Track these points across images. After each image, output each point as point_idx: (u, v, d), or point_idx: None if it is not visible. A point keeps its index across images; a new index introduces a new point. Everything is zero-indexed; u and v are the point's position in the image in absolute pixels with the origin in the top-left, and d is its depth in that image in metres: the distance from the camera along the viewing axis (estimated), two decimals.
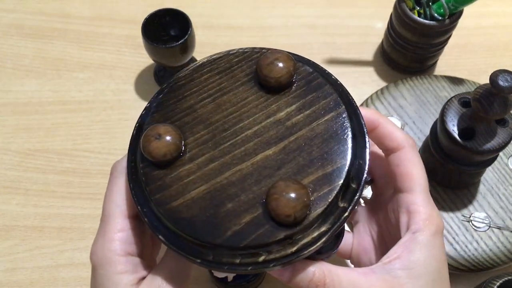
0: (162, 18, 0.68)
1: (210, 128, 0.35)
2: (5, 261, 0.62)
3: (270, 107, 0.36)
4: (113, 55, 0.75)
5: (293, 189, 0.31)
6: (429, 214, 0.36)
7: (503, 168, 0.63)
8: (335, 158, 0.33)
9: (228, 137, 0.35)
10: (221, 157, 0.34)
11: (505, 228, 0.60)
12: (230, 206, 0.32)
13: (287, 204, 0.30)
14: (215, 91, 0.37)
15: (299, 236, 0.31)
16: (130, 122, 0.70)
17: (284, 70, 0.36)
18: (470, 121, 0.53)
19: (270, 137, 0.34)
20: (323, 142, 0.34)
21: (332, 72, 0.78)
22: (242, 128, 0.35)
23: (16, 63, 0.75)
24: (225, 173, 0.33)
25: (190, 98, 0.37)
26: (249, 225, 0.31)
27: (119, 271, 0.34)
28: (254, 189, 0.32)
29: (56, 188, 0.66)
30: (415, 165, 0.38)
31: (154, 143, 0.33)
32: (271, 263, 0.31)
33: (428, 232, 0.35)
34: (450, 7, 0.63)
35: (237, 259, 0.31)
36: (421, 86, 0.69)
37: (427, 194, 0.38)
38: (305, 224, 0.31)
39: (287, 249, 0.31)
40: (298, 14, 0.79)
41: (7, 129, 0.70)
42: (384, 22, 0.78)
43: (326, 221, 0.32)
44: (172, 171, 0.34)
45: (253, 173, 0.33)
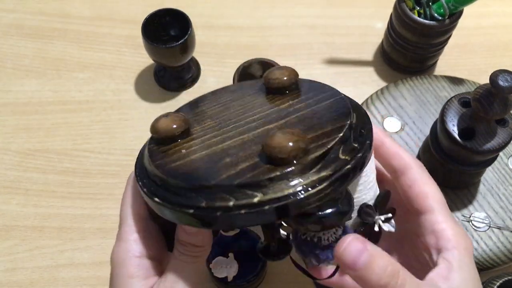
0: (162, 18, 0.68)
1: (217, 120, 0.37)
2: (5, 261, 0.62)
3: (275, 102, 0.38)
4: (113, 55, 0.75)
5: (289, 130, 0.31)
6: (456, 230, 0.36)
7: (503, 168, 0.63)
8: (335, 122, 0.34)
9: (233, 123, 0.36)
10: (224, 134, 0.35)
11: (505, 228, 0.60)
12: (228, 160, 0.32)
13: (281, 138, 0.30)
14: (226, 101, 0.39)
15: (297, 177, 0.30)
16: (130, 122, 0.70)
17: (286, 73, 0.38)
18: (470, 121, 0.53)
19: (273, 118, 0.36)
20: (323, 115, 0.35)
21: (332, 72, 0.79)
22: (246, 117, 0.37)
23: (16, 63, 0.75)
24: (227, 142, 0.34)
25: (203, 106, 0.40)
26: (245, 169, 0.31)
27: (131, 274, 0.34)
28: (254, 148, 0.33)
29: (56, 188, 0.66)
30: (428, 184, 0.37)
31: (162, 120, 0.35)
32: (267, 204, 0.30)
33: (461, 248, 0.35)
34: (450, 7, 0.63)
35: (230, 202, 0.30)
36: (421, 86, 0.69)
37: (447, 210, 0.37)
38: (303, 164, 0.30)
39: (284, 189, 0.30)
40: (298, 14, 0.79)
41: (7, 129, 0.70)
42: (384, 22, 0.78)
43: (326, 167, 0.31)
44: (176, 146, 0.35)
45: (254, 140, 0.34)
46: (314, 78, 0.73)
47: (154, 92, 0.73)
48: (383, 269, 0.31)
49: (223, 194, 0.30)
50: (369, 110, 0.67)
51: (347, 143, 0.33)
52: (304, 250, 0.35)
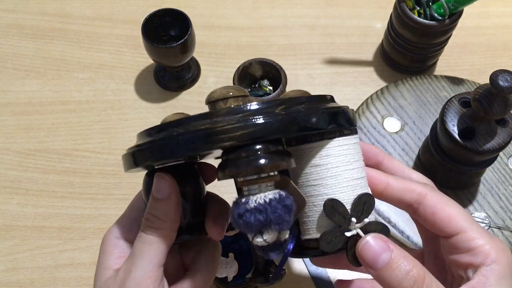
0: (162, 18, 0.68)
1: None
2: (5, 261, 0.62)
3: None
4: (113, 55, 0.75)
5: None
6: (493, 243, 0.34)
7: (503, 168, 0.63)
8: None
9: None
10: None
11: (505, 228, 0.60)
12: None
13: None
14: None
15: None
16: (130, 122, 0.70)
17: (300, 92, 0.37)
18: (470, 121, 0.53)
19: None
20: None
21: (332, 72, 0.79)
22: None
23: (16, 63, 0.75)
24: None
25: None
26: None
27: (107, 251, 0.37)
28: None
29: (56, 188, 0.66)
30: (450, 205, 0.36)
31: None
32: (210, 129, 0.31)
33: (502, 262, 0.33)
34: (450, 7, 0.63)
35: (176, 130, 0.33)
36: (421, 86, 0.69)
37: (476, 225, 0.35)
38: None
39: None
40: (298, 14, 0.79)
41: (8, 129, 0.70)
42: (384, 22, 0.78)
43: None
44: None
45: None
46: (314, 78, 0.74)
47: (154, 92, 0.73)
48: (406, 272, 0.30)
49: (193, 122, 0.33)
50: (369, 110, 0.67)
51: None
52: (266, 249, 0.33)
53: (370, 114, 0.67)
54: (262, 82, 0.69)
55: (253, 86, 0.69)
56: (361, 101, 0.70)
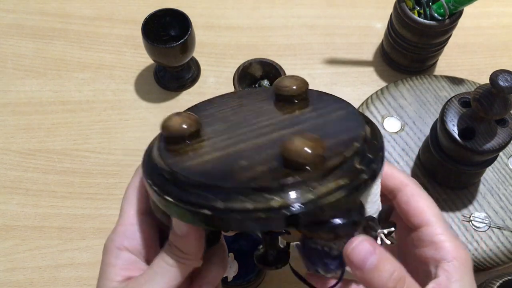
0: (162, 18, 0.68)
1: (228, 123, 0.37)
2: (5, 261, 0.62)
3: (286, 109, 0.38)
4: (113, 55, 0.75)
5: (308, 136, 0.31)
6: (454, 242, 0.36)
7: (503, 168, 0.63)
8: (349, 132, 0.34)
9: (244, 126, 0.36)
10: (237, 136, 0.35)
11: (505, 228, 0.60)
12: (244, 163, 0.32)
13: (300, 142, 0.30)
14: (235, 106, 0.40)
15: (315, 183, 0.30)
16: (130, 122, 0.70)
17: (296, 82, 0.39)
18: (470, 121, 0.53)
19: (286, 124, 0.36)
20: (337, 124, 0.36)
21: (332, 72, 0.79)
22: (258, 122, 0.37)
23: (16, 63, 0.75)
24: (241, 144, 0.34)
25: (211, 109, 0.39)
26: (264, 173, 0.31)
27: (109, 262, 0.36)
28: (269, 151, 0.33)
29: (56, 188, 0.66)
30: (424, 199, 0.38)
31: (174, 118, 0.35)
32: (284, 209, 0.29)
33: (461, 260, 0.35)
34: (450, 7, 0.63)
35: (250, 204, 0.30)
36: (421, 86, 0.69)
37: (445, 224, 0.37)
38: (320, 171, 0.30)
39: (303, 195, 0.30)
40: (298, 14, 0.80)
41: (8, 129, 0.70)
42: (384, 22, 0.78)
43: (343, 176, 0.31)
44: (187, 146, 0.35)
45: (268, 143, 0.34)
46: (314, 78, 0.74)
47: (154, 92, 0.73)
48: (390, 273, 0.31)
49: (240, 196, 0.30)
50: (369, 110, 0.67)
51: (362, 154, 0.33)
52: (313, 259, 0.35)
53: (370, 114, 0.67)
54: (262, 82, 0.69)
55: (253, 86, 0.69)
56: (361, 101, 0.70)
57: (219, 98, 0.41)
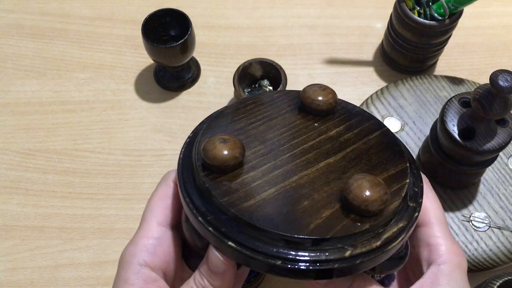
0: (162, 18, 0.68)
1: (267, 143, 0.36)
2: (5, 261, 0.62)
3: (319, 128, 0.37)
4: (113, 55, 0.75)
5: (372, 178, 0.31)
6: (450, 246, 0.36)
7: (503, 168, 0.63)
8: (394, 163, 0.35)
9: (286, 150, 0.35)
10: (284, 165, 0.34)
11: (505, 228, 0.60)
12: (306, 203, 0.32)
13: (369, 190, 0.31)
14: (263, 117, 0.38)
15: (381, 229, 0.31)
16: (130, 122, 0.70)
17: (329, 95, 0.38)
18: (470, 121, 0.53)
19: (328, 149, 0.36)
20: (379, 152, 0.36)
21: (332, 72, 0.78)
22: (297, 143, 0.36)
23: (16, 63, 0.75)
24: (292, 177, 0.33)
25: (240, 122, 0.37)
26: (331, 219, 0.31)
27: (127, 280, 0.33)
28: (326, 189, 0.33)
29: (56, 188, 0.66)
30: (428, 198, 0.37)
31: (220, 146, 0.32)
32: (357, 258, 0.30)
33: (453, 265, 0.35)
34: (450, 7, 0.63)
35: (323, 255, 0.30)
36: (421, 86, 0.69)
37: (445, 226, 0.37)
38: (386, 216, 0.31)
39: (372, 243, 0.30)
40: (298, 14, 0.80)
41: (7, 129, 0.70)
42: (384, 22, 0.78)
43: (402, 217, 0.32)
44: (235, 177, 0.33)
45: (321, 177, 0.34)
46: (314, 78, 0.74)
47: (154, 92, 0.73)
48: None
49: (313, 247, 0.30)
50: (369, 110, 0.67)
51: (411, 189, 0.34)
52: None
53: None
54: (262, 82, 0.69)
55: (253, 86, 0.69)
56: (361, 101, 0.70)
57: (242, 106, 0.39)
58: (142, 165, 0.67)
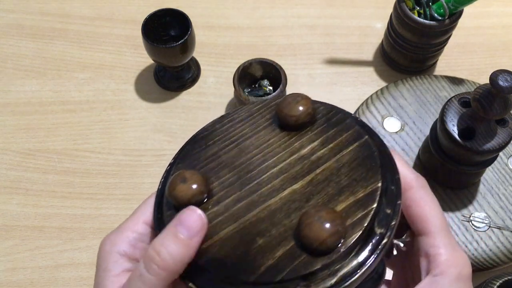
0: (162, 18, 0.68)
1: (235, 170, 0.35)
2: (5, 261, 0.62)
3: (293, 145, 0.35)
4: (113, 55, 0.75)
5: (324, 214, 0.30)
6: (450, 256, 0.34)
7: (503, 168, 0.63)
8: (365, 183, 0.32)
9: (254, 177, 0.34)
10: (248, 196, 0.33)
11: (505, 228, 0.60)
12: (261, 242, 0.31)
13: (319, 229, 0.29)
14: (238, 137, 0.37)
15: (337, 265, 0.29)
16: (130, 122, 0.70)
17: (303, 108, 0.36)
18: (470, 121, 0.53)
19: (296, 172, 0.34)
20: (350, 171, 0.33)
21: (332, 72, 0.78)
22: (267, 167, 0.34)
23: (16, 63, 0.75)
24: (253, 210, 0.32)
25: (214, 146, 0.36)
26: (283, 259, 0.30)
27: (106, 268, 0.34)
28: (285, 222, 0.31)
29: (56, 188, 0.66)
30: (427, 205, 0.36)
31: (180, 186, 0.32)
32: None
33: (450, 276, 0.33)
34: (450, 7, 0.63)
35: None
36: (421, 86, 0.69)
37: (446, 234, 0.35)
38: (342, 251, 0.30)
39: (326, 281, 0.29)
40: (298, 14, 0.80)
41: (7, 129, 0.70)
42: (384, 22, 0.78)
43: (364, 248, 0.30)
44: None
45: (282, 208, 0.32)
46: (314, 78, 0.74)
47: (154, 92, 0.73)
48: None
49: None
50: (369, 110, 0.67)
51: (381, 212, 0.31)
52: None
53: (370, 114, 0.67)
54: (262, 82, 0.69)
55: (253, 86, 0.69)
56: (361, 101, 0.70)
57: (219, 126, 0.38)
58: (142, 165, 0.67)
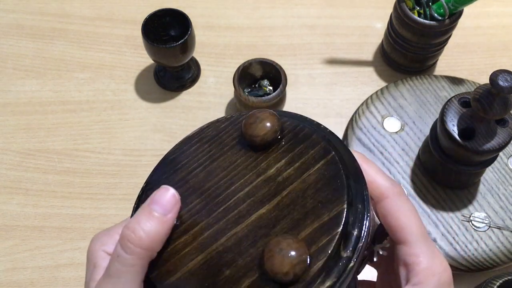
0: (162, 18, 0.68)
1: (203, 196, 0.34)
2: (5, 261, 0.62)
3: (260, 165, 0.35)
4: (113, 55, 0.75)
5: (287, 244, 0.29)
6: (428, 264, 0.34)
7: (503, 168, 0.63)
8: (330, 206, 0.32)
9: (221, 203, 0.34)
10: (216, 223, 0.33)
11: (505, 228, 0.60)
12: (228, 273, 0.31)
13: (282, 261, 0.29)
14: (205, 159, 0.36)
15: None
16: (130, 122, 0.70)
17: (268, 127, 0.35)
18: (470, 121, 0.53)
19: (263, 196, 0.33)
20: (316, 192, 0.33)
21: (332, 72, 0.78)
22: (234, 192, 0.34)
23: (16, 63, 0.75)
24: (221, 239, 0.32)
25: (181, 170, 0.36)
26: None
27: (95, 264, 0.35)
28: (251, 251, 0.31)
29: (56, 188, 0.66)
30: (402, 214, 0.35)
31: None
32: None
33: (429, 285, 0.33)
34: (450, 7, 0.63)
35: None
36: (421, 86, 0.69)
37: (424, 242, 0.35)
38: (307, 280, 0.29)
39: None
40: (298, 14, 0.80)
41: (8, 129, 0.70)
42: (384, 22, 0.78)
43: (330, 274, 0.30)
44: (168, 245, 0.33)
45: (249, 235, 0.32)
46: (314, 78, 0.74)
47: (154, 92, 0.73)
48: None
49: None
50: (369, 110, 0.67)
51: (347, 234, 0.31)
52: None
53: (370, 114, 0.67)
54: (262, 82, 0.69)
55: (253, 86, 0.69)
56: (361, 101, 0.70)
57: (187, 147, 0.37)
58: (142, 165, 0.67)
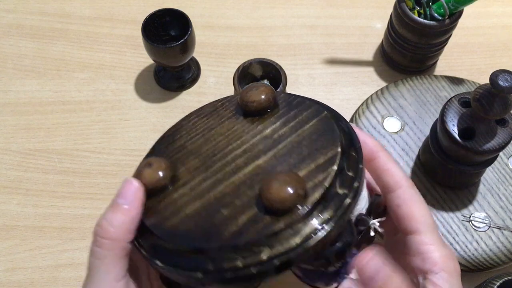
0: (162, 18, 0.68)
1: (201, 156, 0.36)
2: (5, 261, 0.62)
3: (256, 128, 0.37)
4: (113, 55, 0.75)
5: (284, 176, 0.31)
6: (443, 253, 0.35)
7: (503, 168, 0.63)
8: (325, 151, 0.33)
9: (218, 159, 0.35)
10: (213, 175, 0.34)
11: (505, 228, 0.60)
12: (225, 213, 0.32)
13: (279, 189, 0.30)
14: (203, 129, 0.38)
15: (300, 224, 0.30)
16: (130, 122, 0.70)
17: (263, 93, 0.37)
18: (470, 121, 0.53)
19: (259, 151, 0.35)
20: (311, 142, 0.34)
21: (332, 72, 0.78)
22: (231, 150, 0.36)
23: (16, 63, 0.75)
24: (218, 187, 0.34)
25: (180, 139, 0.38)
26: (247, 224, 0.31)
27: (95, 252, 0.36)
28: (248, 193, 0.32)
29: (56, 188, 0.66)
30: (417, 204, 0.36)
31: (145, 171, 0.35)
32: (276, 258, 0.30)
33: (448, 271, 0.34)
34: (450, 7, 0.63)
35: (239, 262, 0.30)
36: (421, 86, 0.69)
37: (435, 231, 0.36)
38: (305, 210, 0.30)
39: (290, 240, 0.30)
40: (298, 14, 0.80)
41: (8, 129, 0.70)
42: (384, 22, 0.78)
43: (327, 207, 0.31)
44: (165, 197, 0.35)
45: (246, 181, 0.33)
46: (314, 78, 0.74)
47: (154, 92, 0.73)
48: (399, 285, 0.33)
49: (230, 254, 0.30)
50: (369, 110, 0.67)
51: (342, 174, 0.32)
52: (310, 278, 0.35)
53: (370, 114, 0.67)
54: (262, 82, 0.69)
55: None
56: (361, 101, 0.70)
57: (186, 122, 0.40)
58: None
